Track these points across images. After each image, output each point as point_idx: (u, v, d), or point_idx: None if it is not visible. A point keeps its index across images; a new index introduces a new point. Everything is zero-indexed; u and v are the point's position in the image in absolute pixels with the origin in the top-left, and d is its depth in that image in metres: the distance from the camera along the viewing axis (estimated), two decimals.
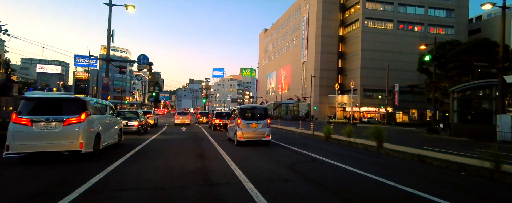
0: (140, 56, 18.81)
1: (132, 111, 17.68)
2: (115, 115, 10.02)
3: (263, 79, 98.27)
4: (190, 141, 11.85)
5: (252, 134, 10.34)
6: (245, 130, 10.28)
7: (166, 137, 13.82)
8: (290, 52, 71.73)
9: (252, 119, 10.62)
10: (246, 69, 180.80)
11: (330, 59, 57.04)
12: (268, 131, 10.57)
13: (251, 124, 10.39)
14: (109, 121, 8.86)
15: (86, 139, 6.75)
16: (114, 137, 9.40)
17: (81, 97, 7.16)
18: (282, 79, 76.74)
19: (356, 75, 52.77)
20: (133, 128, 14.33)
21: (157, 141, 11.54)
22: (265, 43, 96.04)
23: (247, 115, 10.83)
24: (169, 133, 16.16)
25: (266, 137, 10.52)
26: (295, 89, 66.57)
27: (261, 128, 10.46)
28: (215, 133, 17.29)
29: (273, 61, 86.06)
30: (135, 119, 14.68)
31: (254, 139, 10.45)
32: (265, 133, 10.48)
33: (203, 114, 30.95)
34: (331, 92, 56.54)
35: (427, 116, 53.39)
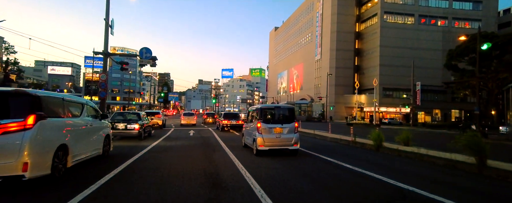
0: (142, 50, 16.47)
1: (133, 112, 15.67)
2: (100, 117, 7.60)
3: (273, 79, 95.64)
4: (198, 150, 9.38)
5: (276, 141, 8.28)
6: (266, 135, 8.22)
7: (169, 143, 11.40)
8: (302, 50, 68.89)
9: (275, 121, 8.55)
10: (255, 69, 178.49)
11: (346, 57, 53.98)
12: (296, 138, 8.44)
13: (274, 128, 8.30)
14: (86, 126, 6.44)
15: (35, 156, 4.32)
16: (96, 147, 6.99)
17: (29, 91, 4.73)
18: (294, 78, 73.92)
19: (375, 73, 49.57)
20: (133, 132, 12.18)
21: (157, 151, 9.08)
22: (276, 42, 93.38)
23: (269, 116, 8.77)
24: (174, 138, 13.74)
25: (294, 145, 8.39)
26: (308, 89, 63.68)
27: (286, 134, 8.34)
28: (226, 136, 15.01)
29: (284, 60, 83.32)
30: (136, 122, 12.51)
31: (278, 147, 8.38)
32: (292, 140, 8.36)
33: (209, 115, 30.89)
34: (347, 91, 53.52)
35: (453, 116, 49.76)
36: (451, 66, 34.70)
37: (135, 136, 12.34)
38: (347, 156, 8.58)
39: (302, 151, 9.42)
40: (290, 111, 8.90)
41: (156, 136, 14.99)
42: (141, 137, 12.51)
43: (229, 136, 15.38)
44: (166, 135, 15.70)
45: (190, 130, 18.53)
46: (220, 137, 14.09)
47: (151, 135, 14.81)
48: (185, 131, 18.29)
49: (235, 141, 12.63)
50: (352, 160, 7.86)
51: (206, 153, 8.74)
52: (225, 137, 14.77)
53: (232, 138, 14.00)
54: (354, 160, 7.79)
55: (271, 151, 8.47)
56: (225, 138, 13.80)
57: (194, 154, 8.38)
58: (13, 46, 62.10)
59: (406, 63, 47.60)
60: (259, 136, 8.18)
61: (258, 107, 9.04)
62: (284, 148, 8.45)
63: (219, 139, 13.47)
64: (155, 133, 16.85)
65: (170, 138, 13.73)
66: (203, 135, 15.98)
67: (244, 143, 10.26)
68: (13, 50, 58.98)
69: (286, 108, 9.05)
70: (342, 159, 7.78)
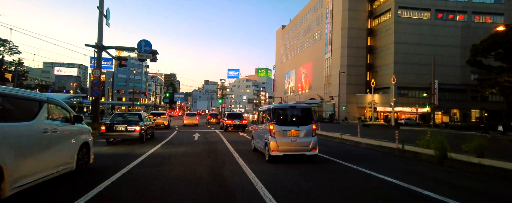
0: (140, 42, 14.64)
1: (134, 113, 14.96)
2: (73, 119, 5.66)
3: (280, 78, 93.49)
4: (204, 162, 7.43)
5: (291, 145, 7.34)
6: (280, 139, 7.30)
7: (169, 150, 9.46)
8: (311, 49, 66.65)
9: (290, 123, 7.63)
10: (261, 69, 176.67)
11: (358, 54, 51.60)
12: (315, 142, 7.45)
13: (290, 130, 7.37)
14: (46, 132, 4.51)
15: None
16: (64, 161, 5.07)
17: None
18: (302, 78, 71.68)
19: (388, 71, 47.12)
20: (134, 134, 11.08)
21: (151, 163, 7.11)
22: (283, 40, 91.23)
23: (283, 117, 7.78)
24: (176, 143, 11.79)
25: (312, 150, 7.39)
26: (317, 88, 61.40)
27: (303, 137, 7.40)
28: (234, 139, 13.32)
29: (292, 59, 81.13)
30: (137, 123, 11.42)
31: (294, 152, 7.41)
32: (309, 144, 7.37)
33: (213, 115, 31.56)
34: (359, 90, 51.16)
35: (472, 116, 47.04)
36: (475, 62, 32.15)
37: (135, 138, 11.32)
38: (402, 172, 6.53)
39: (338, 163, 7.46)
40: (307, 111, 7.85)
41: (158, 138, 13.36)
42: (142, 139, 11.46)
43: (237, 138, 14.00)
44: (168, 138, 13.78)
45: (195, 133, 16.58)
46: (229, 142, 12.12)
47: (153, 137, 13.77)
48: (188, 134, 16.35)
49: (245, 145, 10.90)
50: (413, 177, 5.79)
51: (214, 166, 6.73)
52: (233, 140, 12.94)
53: (242, 141, 12.33)
54: (417, 178, 5.71)
55: (286, 157, 7.39)
56: (233, 142, 11.89)
57: (198, 169, 6.38)
58: (17, 46, 61.27)
59: (422, 61, 45.11)
60: (272, 140, 7.23)
61: (270, 107, 7.95)
62: (300, 154, 7.40)
63: (227, 142, 11.52)
64: (159, 134, 15.50)
65: (171, 143, 11.80)
66: (208, 138, 14.05)
67: (253, 147, 9.39)
68: (17, 51, 58.07)
69: (302, 108, 7.94)
70: (402, 178, 5.68)
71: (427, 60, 44.84)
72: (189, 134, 16.03)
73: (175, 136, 14.87)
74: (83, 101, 66.52)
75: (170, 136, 14.75)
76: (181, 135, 14.81)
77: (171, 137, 14.42)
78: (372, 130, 26.27)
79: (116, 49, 14.78)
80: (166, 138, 13.83)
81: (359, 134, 13.58)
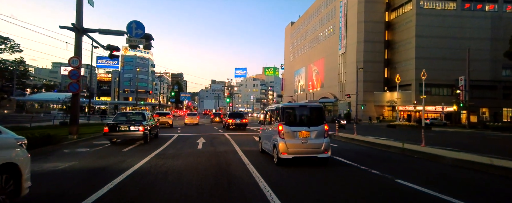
0: (131, 24, 11.59)
1: (138, 112, 14.24)
2: None
3: (289, 77, 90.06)
4: (208, 181, 4.61)
5: (302, 147, 6.75)
6: (290, 140, 6.74)
7: (163, 164, 6.55)
8: (323, 45, 63.10)
9: (300, 124, 7.12)
10: (269, 68, 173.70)
11: (375, 49, 47.95)
12: (327, 143, 6.88)
13: (300, 131, 6.83)
14: None
15: None
16: None
17: None
18: (313, 75, 68.18)
19: (409, 67, 43.47)
20: (138, 133, 10.81)
21: (139, 181, 4.48)
22: (292, 37, 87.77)
23: (293, 117, 7.28)
24: (174, 153, 8.75)
25: (324, 152, 6.84)
26: (330, 86, 57.85)
27: (315, 138, 6.86)
28: (240, 139, 12.07)
29: (302, 56, 77.65)
30: (140, 123, 11.05)
31: (305, 155, 6.82)
32: (321, 146, 6.82)
33: (216, 115, 34.00)
34: (377, 88, 47.53)
35: (505, 115, 42.98)
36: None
37: (139, 138, 11.13)
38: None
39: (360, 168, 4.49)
40: (318, 111, 7.42)
41: (158, 142, 11.39)
42: (146, 139, 11.14)
43: (244, 139, 13.00)
44: (167, 144, 11.12)
45: (199, 138, 13.43)
46: (243, 152, 9.01)
47: (157, 137, 13.48)
48: (191, 139, 13.25)
49: (264, 156, 7.78)
50: None
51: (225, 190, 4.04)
52: (244, 144, 9.92)
53: (254, 144, 10.19)
54: None
55: (296, 161, 6.92)
56: (246, 150, 8.75)
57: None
58: (19, 45, 59.35)
59: (446, 56, 41.33)
60: (280, 141, 6.82)
61: (279, 106, 7.52)
62: (312, 156, 6.91)
63: (244, 156, 8.37)
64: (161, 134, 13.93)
65: (168, 152, 8.81)
66: (216, 144, 11.08)
67: (261, 148, 8.93)
68: (19, 49, 56.04)
69: (313, 107, 7.53)
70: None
71: (452, 55, 41.08)
72: (192, 139, 12.97)
73: (174, 141, 11.91)
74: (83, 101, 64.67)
75: (169, 141, 11.94)
76: (180, 142, 11.73)
77: (170, 142, 11.47)
78: (402, 131, 22.98)
79: (100, 33, 11.78)
80: (164, 143, 11.00)
81: (423, 141, 9.87)
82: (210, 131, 18.88)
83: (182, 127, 21.97)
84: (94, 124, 24.17)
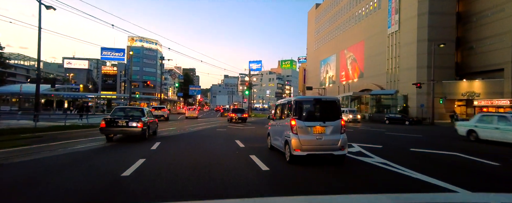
0: None
1: (136, 108, 14.24)
2: None
3: (313, 68, 78.31)
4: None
5: (316, 143, 6.34)
6: (303, 136, 6.32)
7: None
8: (362, 25, 51.07)
9: (315, 118, 6.61)
10: (285, 61, 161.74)
11: (444, 24, 35.68)
12: (343, 139, 6.41)
13: (314, 127, 6.39)
14: None
15: None
16: None
17: None
18: (348, 63, 56.30)
19: (499, 46, 31.29)
20: (136, 130, 10.39)
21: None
22: (317, 21, 75.80)
23: (306, 112, 6.75)
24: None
25: (341, 149, 6.38)
26: (374, 75, 45.96)
27: (330, 134, 6.42)
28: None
29: (331, 43, 65.77)
30: (139, 118, 10.66)
31: (320, 152, 6.43)
32: (338, 142, 6.37)
33: (225, 110, 41.44)
34: (445, 76, 35.41)
35: None
36: None
37: (137, 134, 10.67)
38: None
39: None
40: (334, 104, 6.83)
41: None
42: (145, 135, 10.99)
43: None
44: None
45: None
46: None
47: (156, 134, 13.28)
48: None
49: None
50: None
51: None
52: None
53: None
54: None
55: (310, 158, 6.64)
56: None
57: None
58: None
59: None
60: (293, 137, 6.35)
61: (291, 100, 7.00)
62: (327, 153, 6.45)
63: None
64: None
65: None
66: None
67: (270, 145, 8.56)
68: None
69: (329, 101, 7.02)
70: None
71: None
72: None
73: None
74: (73, 94, 54.48)
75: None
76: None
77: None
78: None
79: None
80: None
81: None
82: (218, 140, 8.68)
83: (176, 133, 14.59)
84: (45, 128, 14.96)
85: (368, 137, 14.27)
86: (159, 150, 8.84)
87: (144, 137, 10.92)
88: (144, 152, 8.30)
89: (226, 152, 8.58)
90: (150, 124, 11.76)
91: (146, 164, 6.42)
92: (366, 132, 17.77)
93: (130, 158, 7.22)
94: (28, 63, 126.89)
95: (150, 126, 11.74)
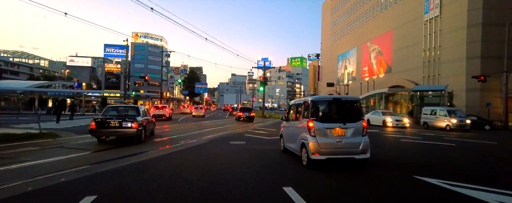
0: None
1: (131, 106, 13.01)
2: None
3: (329, 64, 72.39)
4: None
5: (336, 146, 5.95)
6: (322, 139, 5.96)
7: None
8: (390, 13, 45.02)
9: (334, 120, 6.20)
10: (295, 58, 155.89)
11: (503, 5, 29.41)
12: (365, 142, 6.04)
13: (334, 129, 6.03)
14: None
15: None
16: None
17: None
18: (372, 57, 50.30)
19: None
20: (130, 131, 9.63)
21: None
22: (333, 14, 69.84)
23: (325, 112, 6.40)
24: None
25: (363, 153, 6.01)
26: (406, 70, 39.96)
27: (351, 137, 6.03)
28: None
29: (350, 35, 59.80)
30: (133, 118, 9.86)
31: (340, 156, 6.05)
32: (359, 145, 5.99)
33: (234, 109, 42.81)
34: (498, 69, 29.16)
35: None
36: None
37: (132, 136, 9.88)
38: None
39: None
40: (354, 104, 6.49)
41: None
42: (140, 137, 10.14)
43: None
44: None
45: None
46: None
47: (153, 134, 12.60)
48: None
49: None
50: None
51: None
52: None
53: None
54: None
55: (329, 161, 6.11)
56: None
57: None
58: None
59: None
60: (311, 140, 6.00)
61: (307, 99, 6.59)
62: (348, 157, 6.04)
63: None
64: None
65: None
66: None
67: (283, 147, 8.29)
68: None
69: (349, 100, 6.63)
70: None
71: None
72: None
73: None
74: (67, 92, 49.45)
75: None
76: None
77: None
78: None
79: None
80: None
81: None
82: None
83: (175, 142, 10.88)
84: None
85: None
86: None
87: (139, 138, 10.17)
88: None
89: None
90: (147, 124, 11.03)
91: None
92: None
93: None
94: (33, 61, 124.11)
95: (147, 126, 11.03)
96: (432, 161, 7.94)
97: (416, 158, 8.60)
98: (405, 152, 9.78)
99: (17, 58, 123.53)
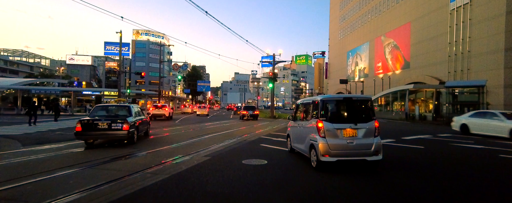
0: None
1: (122, 105, 11.04)
2: None
3: (338, 60, 68.84)
4: None
5: (347, 148, 5.65)
6: (332, 140, 5.66)
7: None
8: (408, 3, 41.32)
9: (344, 120, 5.98)
10: (300, 56, 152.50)
11: None
12: (377, 144, 5.73)
13: (344, 129, 5.72)
14: None
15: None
16: None
17: None
18: (387, 52, 46.70)
19: None
20: (121, 133, 8.92)
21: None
22: (342, 8, 66.23)
23: (334, 112, 6.16)
24: None
25: (375, 154, 5.72)
26: (427, 65, 36.38)
27: (363, 138, 5.73)
28: None
29: (361, 30, 56.20)
30: (124, 119, 9.14)
31: (351, 157, 5.75)
32: (371, 147, 5.69)
33: (238, 108, 41.63)
34: None
35: None
36: None
37: (123, 138, 9.20)
38: None
39: None
40: (366, 104, 6.19)
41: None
42: (133, 139, 9.40)
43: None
44: None
45: None
46: None
47: (147, 135, 11.83)
48: None
49: None
50: None
51: None
52: None
53: None
54: None
55: (339, 163, 5.91)
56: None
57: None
58: None
59: None
60: (321, 141, 5.68)
61: (316, 98, 6.28)
62: (359, 159, 5.76)
63: None
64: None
65: None
66: None
67: (290, 147, 8.06)
68: None
69: (360, 100, 6.33)
70: None
71: None
72: None
73: None
74: (58, 90, 46.30)
75: None
76: None
77: None
78: None
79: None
80: None
81: None
82: None
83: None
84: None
85: None
86: None
87: (131, 140, 9.41)
88: None
89: None
90: (140, 125, 10.39)
91: None
92: None
93: None
94: (33, 60, 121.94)
95: (140, 127, 10.38)
96: None
97: None
98: None
99: (17, 57, 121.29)
